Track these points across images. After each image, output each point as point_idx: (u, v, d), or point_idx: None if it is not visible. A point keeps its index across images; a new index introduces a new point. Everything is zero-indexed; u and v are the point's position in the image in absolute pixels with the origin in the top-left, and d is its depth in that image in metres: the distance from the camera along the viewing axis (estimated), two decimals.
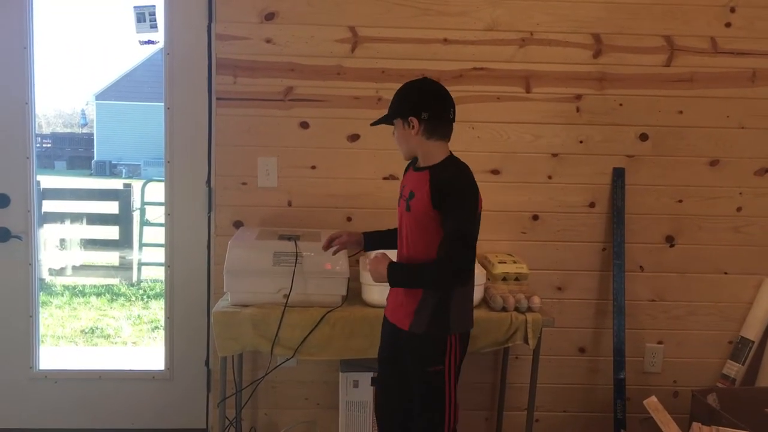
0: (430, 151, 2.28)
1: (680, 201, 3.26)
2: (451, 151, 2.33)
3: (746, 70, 3.19)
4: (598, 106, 3.18)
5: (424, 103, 2.25)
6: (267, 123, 3.12)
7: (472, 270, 2.24)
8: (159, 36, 3.21)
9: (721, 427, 2.13)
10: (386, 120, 2.36)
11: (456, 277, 2.19)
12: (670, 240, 3.28)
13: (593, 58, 3.15)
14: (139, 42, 3.22)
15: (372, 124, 2.45)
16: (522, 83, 3.16)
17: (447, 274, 2.19)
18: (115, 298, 6.32)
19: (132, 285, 6.69)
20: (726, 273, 3.31)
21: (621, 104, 3.18)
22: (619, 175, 3.21)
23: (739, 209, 3.27)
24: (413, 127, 2.25)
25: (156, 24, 3.18)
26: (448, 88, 2.99)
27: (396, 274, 2.25)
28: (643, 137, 3.21)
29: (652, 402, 2.08)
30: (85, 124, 14.02)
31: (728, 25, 3.16)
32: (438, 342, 2.28)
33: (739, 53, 3.17)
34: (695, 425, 2.14)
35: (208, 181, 3.20)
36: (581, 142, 3.20)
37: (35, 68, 3.14)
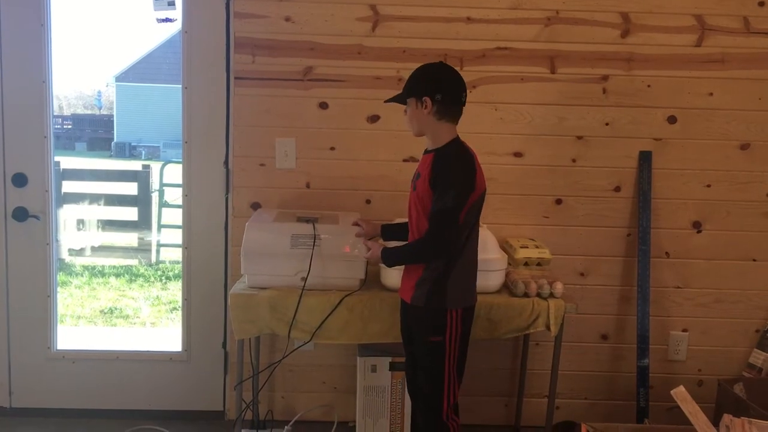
0: (438, 131, 2.36)
1: (708, 185, 3.17)
2: (458, 135, 2.38)
3: None
4: (626, 88, 3.10)
5: (439, 85, 2.33)
6: (285, 103, 3.08)
7: (454, 247, 2.32)
8: (177, 14, 3.16)
9: (753, 420, 2.07)
10: (400, 98, 2.42)
11: (436, 254, 2.32)
12: (697, 226, 3.20)
13: (621, 37, 3.07)
14: (157, 20, 3.18)
15: (386, 101, 2.49)
16: (547, 63, 3.08)
17: (428, 251, 2.33)
18: (134, 278, 6.35)
19: (151, 266, 6.72)
20: (755, 260, 3.23)
21: (649, 85, 3.10)
22: (645, 158, 3.13)
23: None
24: (426, 106, 2.32)
25: (174, 1, 3.13)
26: (470, 68, 2.95)
27: (386, 252, 2.43)
28: (672, 120, 3.13)
29: (680, 392, 2.02)
30: (101, 107, 14.09)
31: (762, 4, 3.06)
32: (437, 316, 2.37)
33: None
34: (726, 416, 2.07)
35: (226, 162, 3.16)
36: (607, 124, 3.13)
37: (53, 47, 3.10)
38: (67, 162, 8.36)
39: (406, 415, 2.99)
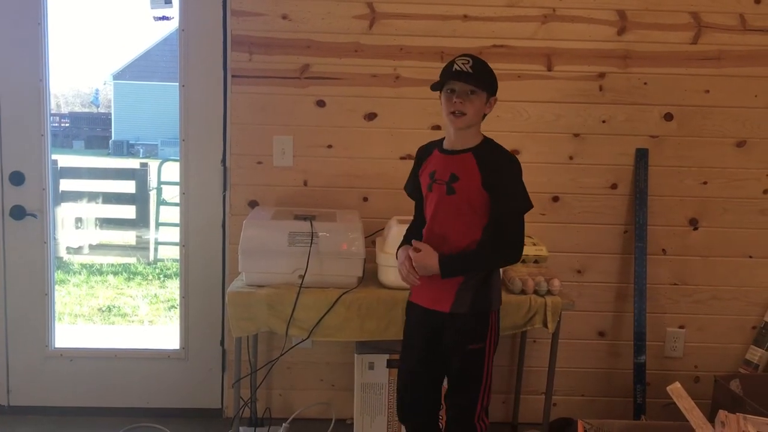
0: (477, 131, 2.30)
1: (705, 183, 3.18)
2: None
3: None
4: (622, 85, 3.10)
5: (496, 88, 2.31)
6: (283, 101, 3.08)
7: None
8: (173, 12, 3.16)
9: (748, 415, 2.07)
10: (481, 85, 2.23)
11: (514, 256, 2.28)
12: (693, 223, 3.21)
13: (617, 35, 3.07)
14: (154, 18, 3.18)
15: (469, 83, 2.20)
16: (543, 61, 3.08)
17: (505, 255, 2.28)
18: (132, 277, 6.34)
19: (149, 264, 6.72)
20: (751, 257, 3.24)
21: (645, 83, 3.10)
22: (642, 155, 3.14)
23: (765, 191, 3.19)
24: (490, 106, 2.28)
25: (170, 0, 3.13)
26: None
27: (448, 267, 2.25)
28: (668, 117, 3.13)
29: (675, 388, 2.02)
30: (99, 105, 14.05)
31: (758, 1, 3.07)
32: (481, 320, 2.32)
33: None
34: (721, 413, 2.08)
35: (223, 160, 3.16)
36: (604, 121, 3.13)
37: (49, 45, 3.10)
38: (65, 160, 8.33)
39: None
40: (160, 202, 6.94)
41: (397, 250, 2.43)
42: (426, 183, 2.34)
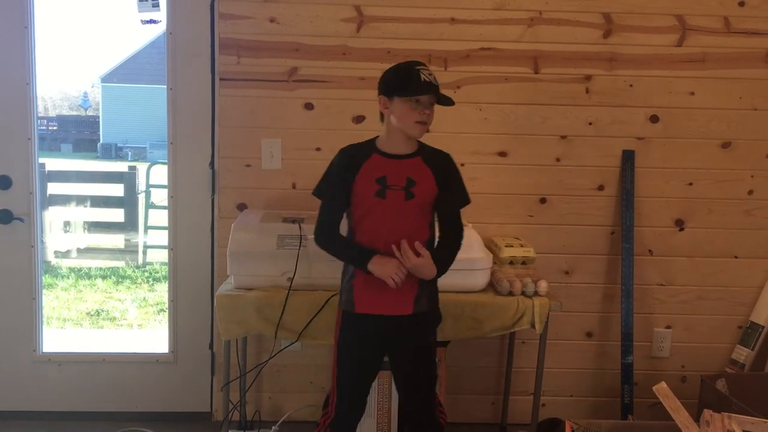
0: None
1: (690, 184, 3.21)
2: None
3: (760, 50, 3.12)
4: (608, 87, 3.13)
5: None
6: (271, 104, 3.08)
7: None
8: (161, 15, 3.16)
9: (732, 414, 2.10)
10: (440, 98, 2.25)
11: (459, 248, 2.39)
12: (679, 223, 3.24)
13: (603, 38, 3.10)
14: (141, 21, 3.18)
15: (438, 95, 2.23)
16: (530, 64, 3.10)
17: (460, 243, 2.39)
18: (120, 280, 6.32)
19: (138, 267, 6.69)
20: (736, 257, 3.27)
21: (631, 85, 3.13)
22: (628, 157, 3.16)
23: (750, 192, 3.22)
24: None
25: (158, 3, 3.13)
26: (455, 69, 2.96)
27: (441, 267, 2.32)
28: (654, 119, 3.16)
29: (661, 388, 2.04)
30: (88, 107, 13.98)
31: (742, 4, 3.09)
32: (436, 315, 2.45)
33: (752, 33, 3.11)
34: (706, 412, 2.10)
35: (212, 163, 3.16)
36: (590, 123, 3.15)
37: (36, 48, 3.09)
38: (53, 164, 8.31)
39: (393, 414, 3.00)
40: (149, 205, 6.92)
41: (363, 258, 2.27)
42: (374, 189, 2.26)
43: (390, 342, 2.40)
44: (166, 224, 3.27)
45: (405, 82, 2.22)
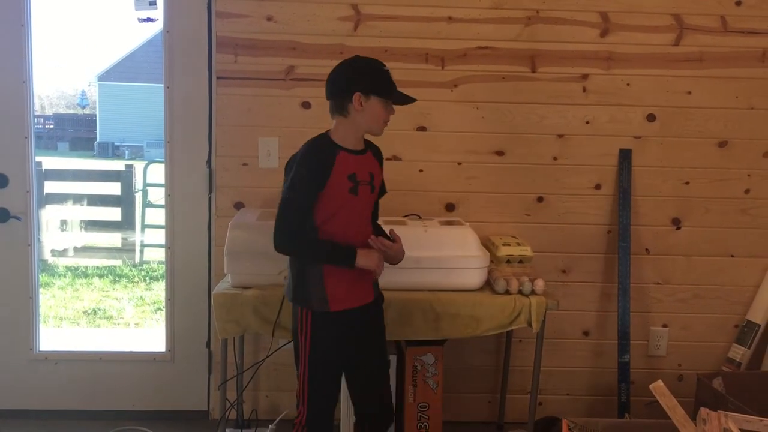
0: None
1: (687, 183, 3.21)
2: None
3: (756, 49, 3.13)
4: (605, 86, 3.13)
5: None
6: (268, 103, 3.08)
7: None
8: (158, 13, 3.16)
9: (729, 413, 2.10)
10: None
11: None
12: (676, 222, 3.24)
13: (600, 36, 3.10)
14: (138, 20, 3.17)
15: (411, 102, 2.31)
16: (527, 62, 3.10)
17: None
18: (117, 279, 6.31)
19: (135, 266, 6.69)
20: (733, 256, 3.27)
21: (628, 84, 3.13)
22: (625, 156, 3.16)
23: (747, 191, 3.22)
24: None
25: (155, 1, 3.12)
26: (452, 68, 2.95)
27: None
28: (651, 118, 3.16)
29: (658, 386, 2.04)
30: (86, 106, 13.95)
31: (738, 3, 3.10)
32: (381, 296, 2.50)
33: (749, 32, 3.11)
34: (702, 410, 2.10)
35: (209, 162, 3.16)
36: (587, 122, 3.16)
37: (33, 47, 3.09)
38: (50, 162, 8.30)
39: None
40: (146, 204, 6.91)
41: (349, 255, 2.25)
42: (347, 186, 2.24)
43: (361, 332, 2.36)
44: (163, 223, 3.27)
45: (388, 82, 2.25)
